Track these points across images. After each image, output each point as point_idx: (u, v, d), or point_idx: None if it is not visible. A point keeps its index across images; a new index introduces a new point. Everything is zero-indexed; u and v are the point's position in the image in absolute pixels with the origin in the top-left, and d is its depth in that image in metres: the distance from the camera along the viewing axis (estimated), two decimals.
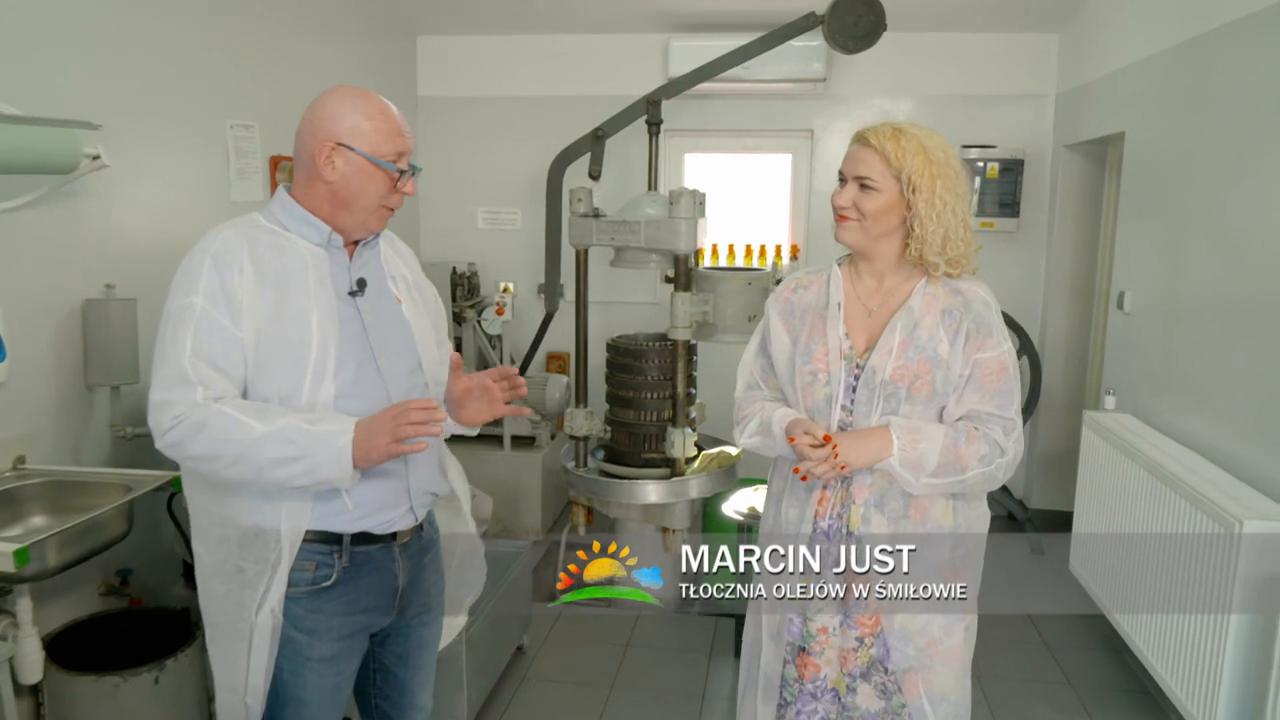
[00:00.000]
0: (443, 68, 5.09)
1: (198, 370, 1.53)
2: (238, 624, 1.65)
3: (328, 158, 1.61)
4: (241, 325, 1.55)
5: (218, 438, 1.50)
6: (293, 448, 1.51)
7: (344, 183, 1.62)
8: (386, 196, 1.66)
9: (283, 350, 1.58)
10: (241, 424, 1.51)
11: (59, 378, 2.70)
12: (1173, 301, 3.25)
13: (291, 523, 1.61)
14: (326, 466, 1.52)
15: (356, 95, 1.64)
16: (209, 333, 1.54)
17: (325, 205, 1.65)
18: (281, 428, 1.51)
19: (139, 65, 2.98)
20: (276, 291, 1.59)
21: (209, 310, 1.54)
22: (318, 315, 1.61)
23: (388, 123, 1.63)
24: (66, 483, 2.48)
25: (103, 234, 2.86)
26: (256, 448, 1.50)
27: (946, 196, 1.73)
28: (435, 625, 1.88)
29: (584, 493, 3.78)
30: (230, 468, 1.53)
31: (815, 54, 4.59)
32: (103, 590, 2.79)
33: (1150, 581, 2.89)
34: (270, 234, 1.64)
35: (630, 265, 3.71)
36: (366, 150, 1.61)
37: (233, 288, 1.55)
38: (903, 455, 1.71)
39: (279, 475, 1.52)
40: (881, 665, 1.80)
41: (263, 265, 1.59)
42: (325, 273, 1.65)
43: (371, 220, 1.68)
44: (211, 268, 1.56)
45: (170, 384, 1.53)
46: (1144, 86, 3.56)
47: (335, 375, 1.61)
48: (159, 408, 1.53)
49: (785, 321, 1.90)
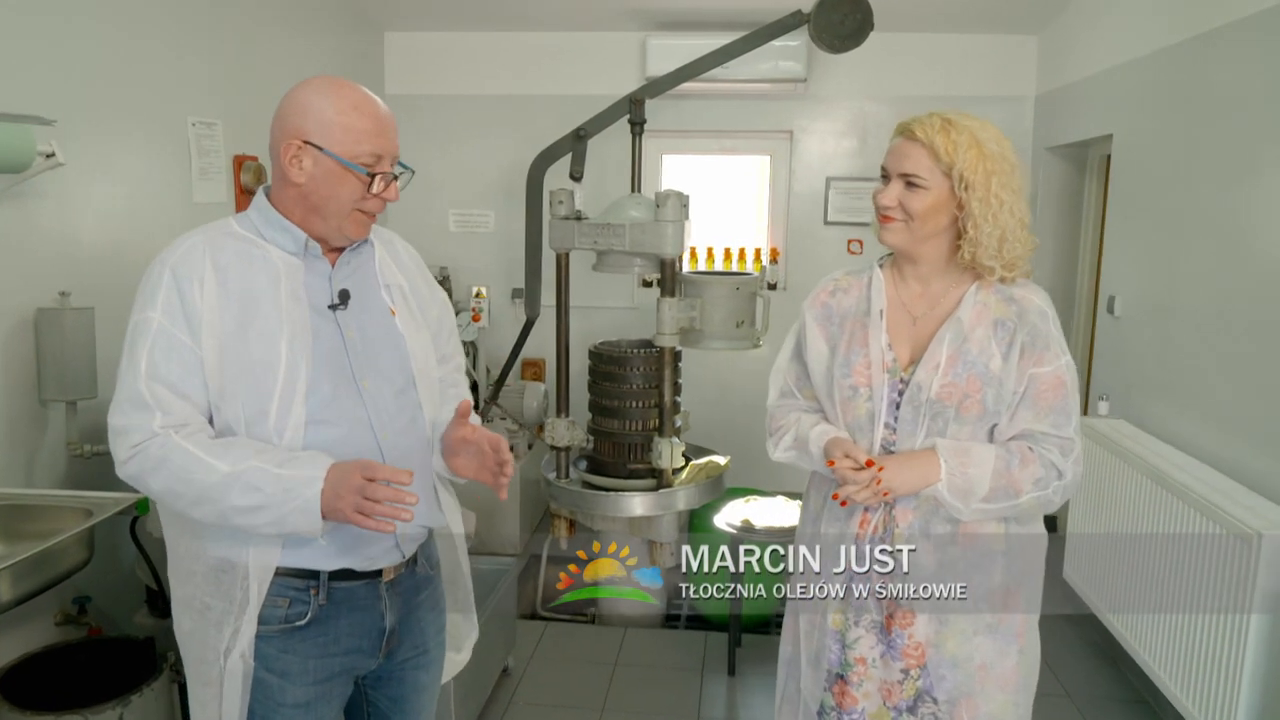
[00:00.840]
0: (411, 64, 4.93)
1: (155, 393, 1.38)
2: (204, 665, 1.50)
3: (294, 157, 1.43)
4: (202, 343, 1.40)
5: (178, 476, 1.36)
6: (257, 495, 1.36)
7: (313, 185, 1.45)
8: (361, 201, 1.48)
9: (247, 371, 1.42)
10: (202, 463, 1.36)
11: (9, 392, 2.50)
12: (1165, 305, 3.22)
13: (260, 559, 1.45)
14: (294, 518, 1.37)
15: (330, 87, 1.45)
16: (167, 352, 1.39)
17: (297, 209, 1.48)
18: (245, 471, 1.36)
19: (93, 57, 2.79)
20: (241, 306, 1.43)
21: (166, 326, 1.39)
22: (288, 331, 1.44)
23: (363, 119, 1.44)
24: (19, 507, 2.29)
25: (56, 237, 2.66)
26: (219, 491, 1.36)
27: (1003, 194, 1.61)
28: (434, 668, 1.71)
29: (566, 505, 3.66)
30: (193, 507, 1.39)
31: (795, 53, 4.51)
32: (59, 619, 2.60)
33: (1155, 590, 2.85)
34: (241, 242, 1.48)
35: (613, 270, 3.60)
36: (336, 151, 1.43)
37: (192, 301, 1.40)
38: (951, 481, 1.60)
39: (244, 522, 1.38)
40: (929, 696, 1.70)
41: (226, 276, 1.43)
42: (299, 284, 1.48)
43: (347, 227, 1.50)
44: (170, 279, 1.41)
45: (126, 408, 1.39)
46: (1133, 88, 3.54)
47: (306, 398, 1.45)
48: (116, 434, 1.40)
49: (823, 327, 1.77)
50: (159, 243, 3.24)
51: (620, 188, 4.45)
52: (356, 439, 1.49)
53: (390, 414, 1.54)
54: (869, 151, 4.79)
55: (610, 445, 3.61)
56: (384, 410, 1.53)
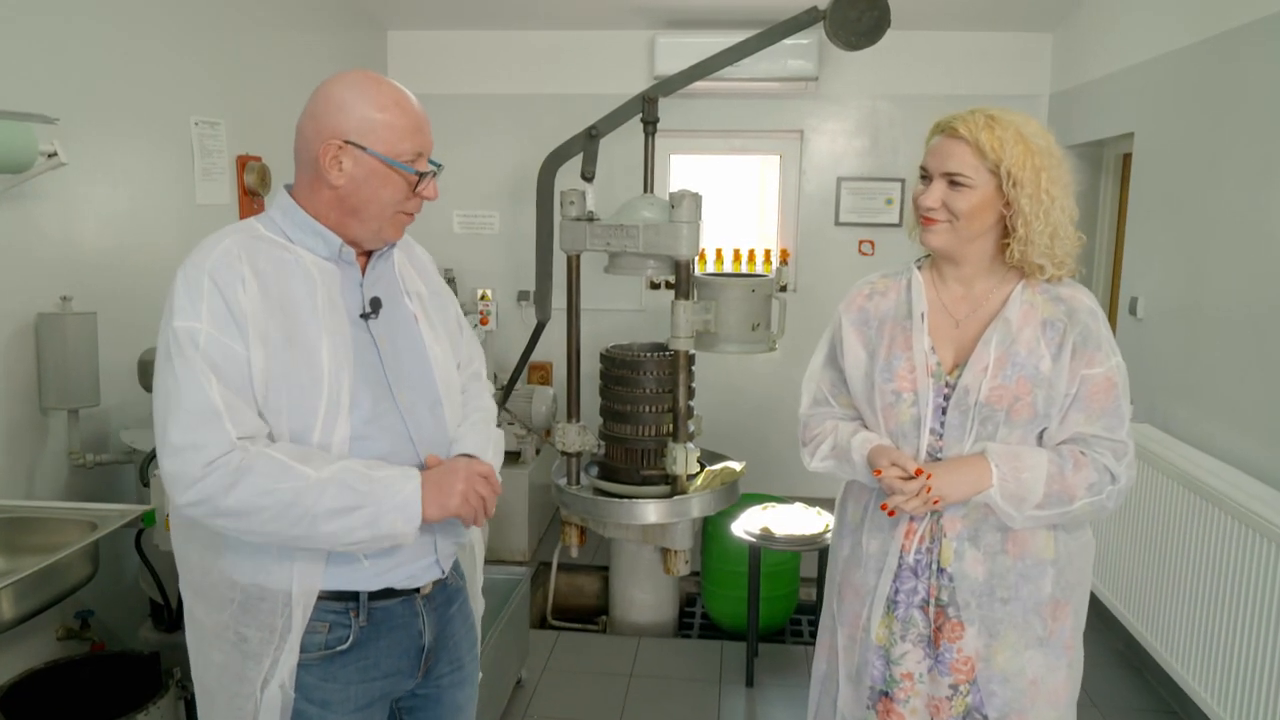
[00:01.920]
0: (415, 64, 4.85)
1: (228, 403, 1.27)
2: (238, 699, 1.40)
3: (334, 158, 1.35)
4: (251, 352, 1.31)
5: (261, 487, 1.26)
6: (352, 495, 1.29)
7: (353, 187, 1.37)
8: (404, 202, 1.41)
9: (292, 383, 1.33)
10: (290, 470, 1.27)
11: (9, 400, 2.42)
12: (1191, 306, 3.16)
13: (304, 583, 1.37)
14: (391, 516, 1.31)
15: (368, 83, 1.38)
16: (224, 360, 1.29)
17: (333, 212, 1.40)
18: (338, 472, 1.29)
19: (94, 56, 2.71)
20: (283, 314, 1.34)
21: (217, 335, 1.28)
22: (328, 342, 1.36)
23: (405, 116, 1.37)
24: (21, 519, 2.21)
25: (58, 240, 2.58)
26: (309, 496, 1.27)
27: (1053, 190, 1.55)
28: (469, 686, 1.63)
29: (577, 512, 3.58)
30: (272, 522, 1.28)
31: (806, 52, 4.46)
32: (61, 635, 2.52)
33: (1185, 597, 2.79)
34: (271, 246, 1.39)
35: (626, 272, 3.52)
36: (380, 150, 1.35)
37: (239, 308, 1.30)
38: (1003, 487, 1.54)
39: (334, 528, 1.29)
40: (979, 713, 1.64)
41: (266, 282, 1.34)
42: (335, 291, 1.40)
43: (387, 230, 1.43)
44: (212, 286, 1.30)
45: (193, 423, 1.26)
46: (1154, 86, 3.48)
47: (350, 413, 1.37)
48: (184, 454, 1.26)
49: (860, 332, 1.70)
50: (162, 245, 3.15)
51: (628, 188, 4.38)
52: (400, 454, 1.42)
53: (429, 429, 1.47)
54: (880, 151, 4.72)
55: (622, 451, 3.53)
56: (422, 425, 1.46)
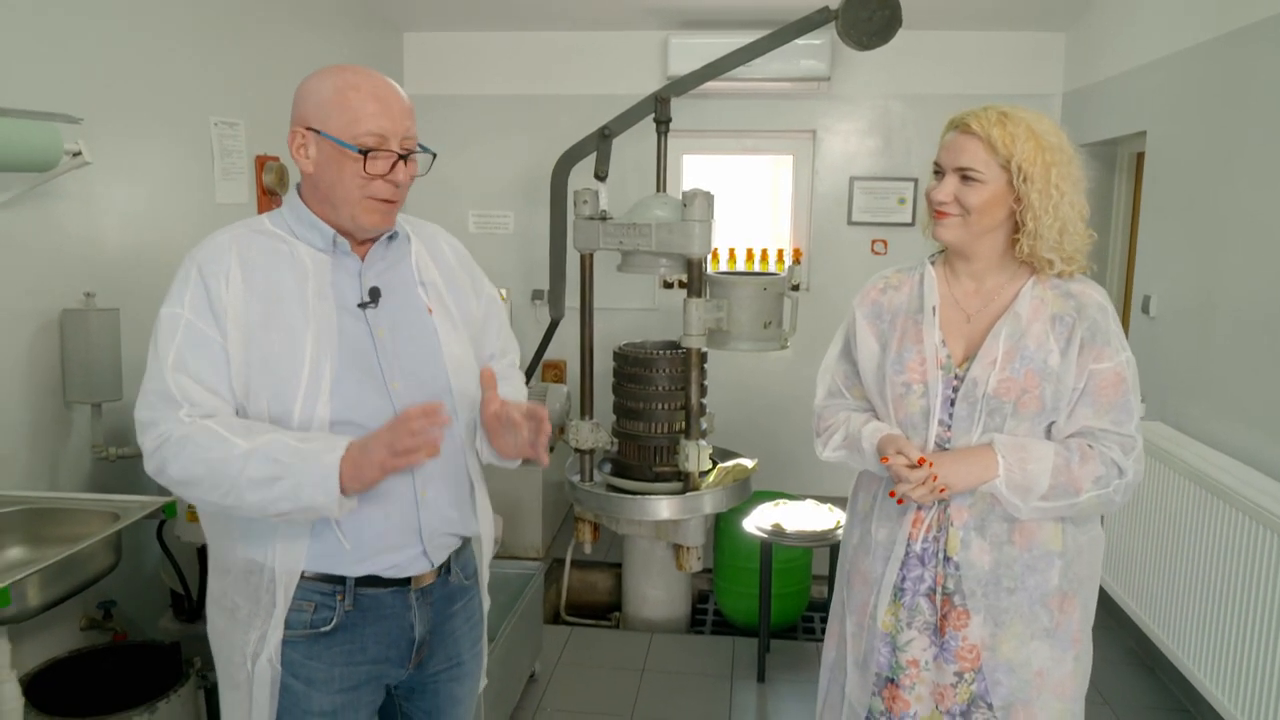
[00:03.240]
0: (430, 65, 4.90)
1: (181, 386, 1.36)
2: (232, 668, 1.48)
3: (299, 145, 1.42)
4: (228, 338, 1.38)
5: (198, 457, 1.33)
6: (275, 466, 1.31)
7: (319, 173, 1.42)
8: (366, 185, 1.41)
9: (271, 368, 1.39)
10: (224, 440, 1.33)
11: (34, 394, 2.47)
12: (1204, 304, 3.15)
13: (286, 562, 1.42)
14: (310, 489, 1.31)
15: (333, 72, 1.42)
16: (194, 346, 1.37)
17: (314, 202, 1.46)
18: (265, 443, 1.33)
19: (114, 57, 2.76)
20: (264, 304, 1.40)
21: (193, 321, 1.38)
22: (313, 329, 1.41)
23: (362, 98, 1.38)
24: (45, 510, 2.25)
25: (81, 238, 2.64)
26: (235, 465, 1.31)
27: (1063, 185, 1.57)
28: (468, 681, 1.67)
29: (591, 509, 3.61)
30: (210, 492, 1.35)
31: (818, 52, 4.48)
32: (84, 624, 2.57)
33: (1198, 595, 2.79)
34: (270, 239, 1.45)
35: (638, 270, 3.54)
36: (333, 133, 1.38)
37: (219, 297, 1.39)
38: (1009, 477, 1.56)
39: (257, 498, 1.33)
40: (983, 701, 1.65)
41: (252, 272, 1.41)
42: (326, 282, 1.45)
43: (360, 216, 1.44)
44: (197, 275, 1.40)
45: (152, 401, 1.38)
46: (1168, 84, 3.47)
47: (330, 398, 1.41)
48: (143, 428, 1.39)
49: (873, 325, 1.73)
50: (182, 243, 3.22)
51: (640, 188, 4.41)
52: None
53: None
54: (893, 151, 4.73)
55: (635, 448, 3.56)
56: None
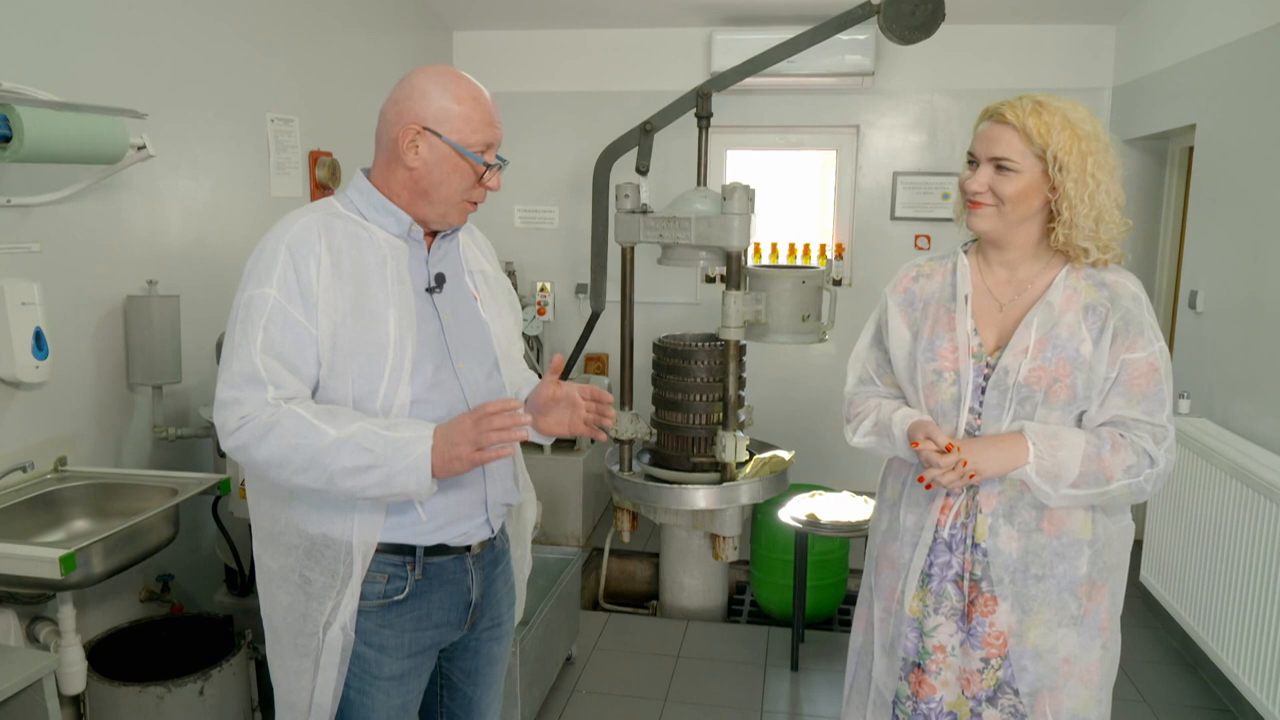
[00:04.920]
0: (479, 63, 4.99)
1: (269, 368, 1.41)
2: (301, 638, 1.54)
3: (411, 141, 1.48)
4: (317, 321, 1.43)
5: (287, 442, 1.39)
6: (367, 455, 1.39)
7: (425, 171, 1.50)
8: (470, 190, 1.53)
9: (359, 350, 1.46)
10: (313, 428, 1.39)
11: (100, 377, 2.61)
12: (1253, 300, 3.10)
13: (363, 535, 1.50)
14: (403, 477, 1.40)
15: (449, 76, 1.51)
16: (283, 328, 1.42)
17: (405, 193, 1.53)
18: (355, 433, 1.39)
19: (177, 55, 2.89)
20: (355, 286, 1.47)
21: (283, 303, 1.42)
22: (395, 313, 1.49)
23: (479, 110, 1.50)
24: (109, 485, 2.39)
25: (145, 228, 2.77)
26: (328, 454, 1.38)
27: (1099, 174, 1.57)
28: (505, 640, 1.76)
29: (629, 498, 3.67)
30: (298, 474, 1.41)
31: (862, 47, 4.48)
32: (144, 596, 2.70)
33: (1242, 594, 2.74)
34: (347, 223, 1.52)
35: (678, 263, 3.59)
36: (454, 138, 1.48)
37: (309, 280, 1.43)
38: (1039, 464, 1.57)
39: (350, 485, 1.40)
40: (1010, 687, 1.67)
41: (340, 257, 1.47)
42: (404, 266, 1.53)
43: (452, 214, 1.55)
44: (287, 257, 1.43)
45: (239, 382, 1.41)
46: (1219, 77, 3.41)
47: (412, 379, 1.49)
48: (225, 406, 1.42)
49: (905, 313, 1.75)
50: (239, 235, 3.34)
51: (684, 182, 4.45)
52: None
53: (482, 395, 1.58)
54: (938, 146, 4.71)
55: (674, 438, 3.61)
56: (478, 391, 1.58)
